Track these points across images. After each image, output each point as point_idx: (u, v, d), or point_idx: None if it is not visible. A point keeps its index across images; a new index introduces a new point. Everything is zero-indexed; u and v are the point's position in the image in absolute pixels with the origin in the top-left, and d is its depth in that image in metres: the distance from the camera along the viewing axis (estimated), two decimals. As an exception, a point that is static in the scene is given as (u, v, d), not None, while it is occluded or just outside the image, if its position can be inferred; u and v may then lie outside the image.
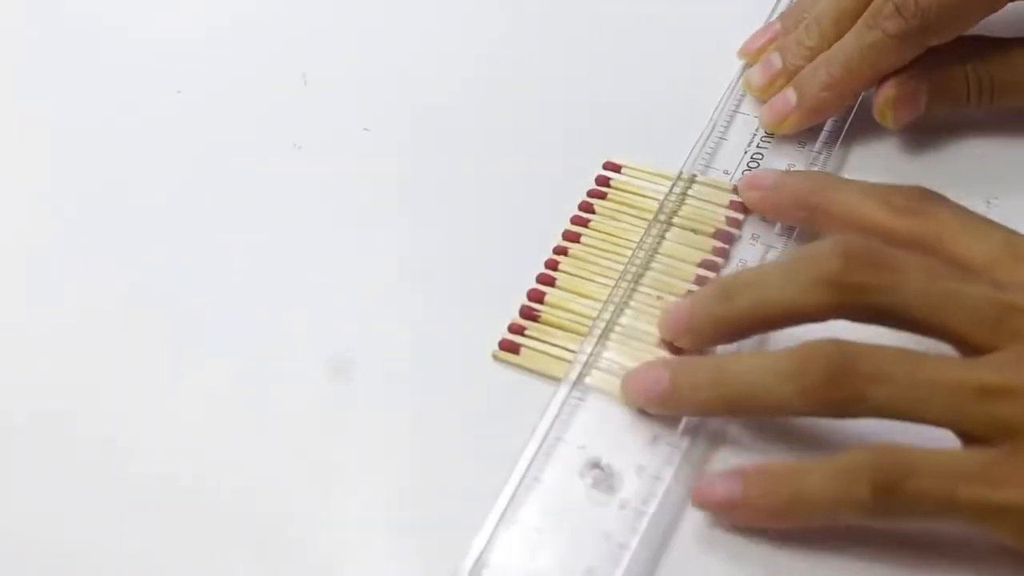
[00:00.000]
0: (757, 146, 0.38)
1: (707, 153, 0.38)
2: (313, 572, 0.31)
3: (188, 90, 0.42)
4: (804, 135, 0.38)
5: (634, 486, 0.31)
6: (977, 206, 0.36)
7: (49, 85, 0.43)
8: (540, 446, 0.32)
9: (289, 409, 0.34)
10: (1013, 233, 0.31)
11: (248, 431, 0.34)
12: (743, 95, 0.40)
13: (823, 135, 0.38)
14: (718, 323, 0.31)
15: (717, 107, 0.39)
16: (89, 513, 0.32)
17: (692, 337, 0.32)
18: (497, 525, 0.30)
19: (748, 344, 0.32)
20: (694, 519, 0.31)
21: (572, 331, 0.34)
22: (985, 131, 0.38)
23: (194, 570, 0.31)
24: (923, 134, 0.38)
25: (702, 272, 0.35)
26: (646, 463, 0.31)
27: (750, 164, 0.38)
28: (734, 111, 0.39)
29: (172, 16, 0.45)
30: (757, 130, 0.39)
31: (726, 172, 0.38)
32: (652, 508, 0.30)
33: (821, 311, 0.30)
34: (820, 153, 0.38)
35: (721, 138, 0.39)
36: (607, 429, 0.32)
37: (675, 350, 0.33)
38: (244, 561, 0.31)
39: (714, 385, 0.30)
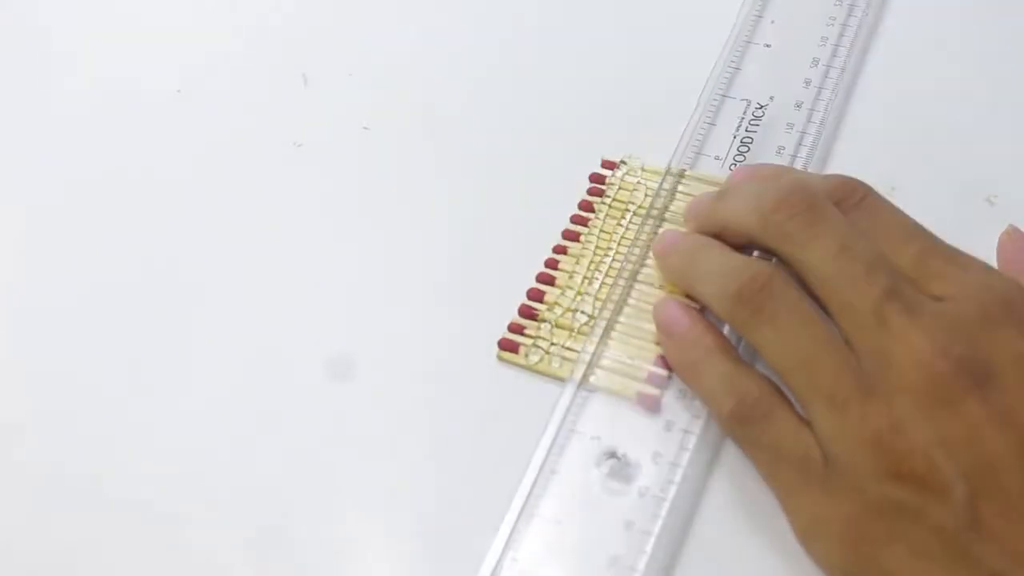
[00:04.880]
0: (746, 130, 0.38)
1: (697, 141, 0.38)
2: (319, 572, 0.31)
3: (188, 90, 0.42)
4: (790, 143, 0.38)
5: (652, 473, 0.31)
6: (978, 205, 0.36)
7: (48, 85, 0.43)
8: (554, 439, 0.32)
9: (289, 409, 0.34)
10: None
11: (248, 431, 0.34)
12: (730, 79, 0.40)
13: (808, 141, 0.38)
14: (710, 217, 0.34)
15: (701, 94, 0.39)
16: (88, 511, 0.32)
17: (691, 222, 0.35)
18: (517, 519, 0.30)
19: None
20: (715, 503, 0.31)
21: (571, 329, 0.34)
22: (985, 130, 0.38)
23: (194, 570, 0.31)
24: (922, 132, 0.38)
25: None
26: (662, 450, 0.31)
27: (740, 148, 0.38)
28: (722, 95, 0.39)
29: (172, 16, 0.45)
30: (745, 113, 0.39)
31: (717, 158, 0.38)
32: (671, 494, 0.30)
33: (754, 241, 0.32)
34: (813, 141, 0.38)
35: (710, 124, 0.39)
36: (619, 419, 0.32)
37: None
38: (247, 562, 0.31)
39: (685, 269, 0.34)
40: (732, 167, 0.37)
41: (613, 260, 0.36)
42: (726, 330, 0.33)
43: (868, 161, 0.36)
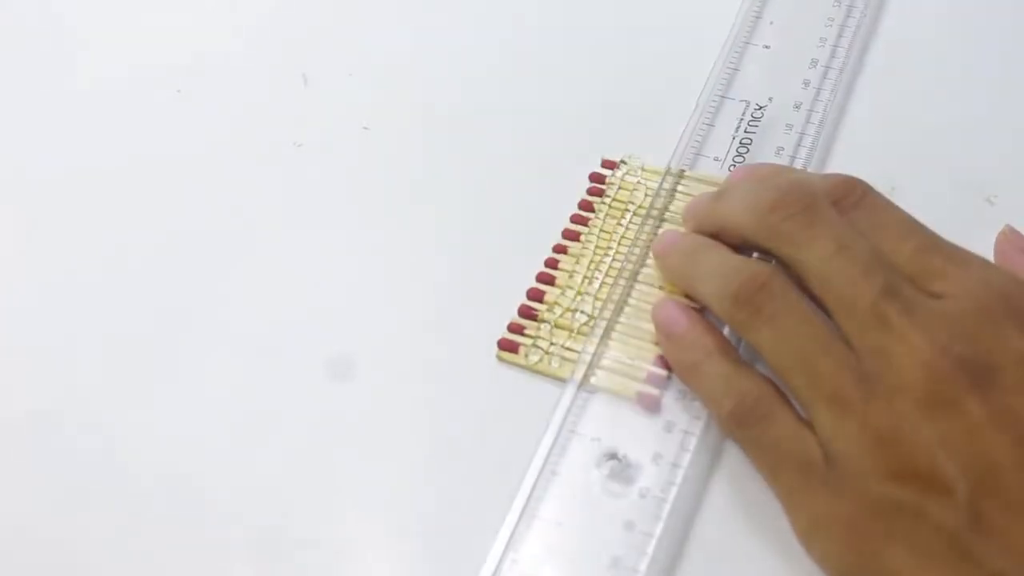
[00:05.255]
0: (745, 131, 0.38)
1: (696, 141, 0.38)
2: (319, 572, 0.31)
3: (188, 90, 0.42)
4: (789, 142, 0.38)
5: (652, 474, 0.31)
6: (978, 205, 0.36)
7: (48, 84, 0.43)
8: (555, 440, 0.32)
9: (289, 409, 0.34)
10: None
11: (248, 431, 0.34)
12: (729, 80, 0.40)
13: (808, 141, 0.38)
14: (707, 217, 0.34)
15: (700, 95, 0.39)
16: (88, 512, 0.32)
17: (689, 222, 0.35)
18: (518, 520, 0.30)
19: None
20: (716, 504, 0.31)
21: (571, 330, 0.34)
22: (985, 130, 0.38)
23: (194, 570, 0.31)
24: (922, 132, 0.38)
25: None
26: (662, 451, 0.31)
27: (739, 149, 0.38)
28: (721, 96, 0.39)
29: (172, 16, 0.45)
30: (744, 114, 0.39)
31: (716, 159, 0.38)
32: (672, 495, 0.30)
33: (751, 242, 0.32)
34: (812, 142, 0.38)
35: (709, 125, 0.39)
36: (620, 421, 0.32)
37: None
38: (247, 562, 0.31)
39: (684, 269, 0.34)
40: (731, 168, 0.37)
41: (613, 260, 0.36)
42: (726, 331, 0.33)
43: (868, 161, 0.36)
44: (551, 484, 0.31)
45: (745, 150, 0.38)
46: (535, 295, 0.35)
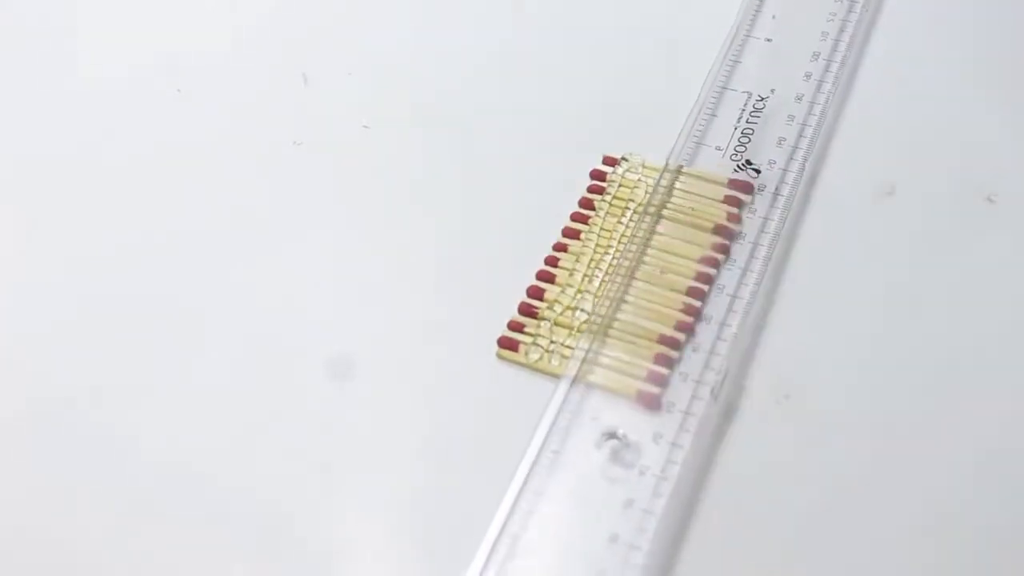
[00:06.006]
0: (747, 122, 0.38)
1: (698, 131, 0.38)
2: (319, 572, 0.31)
3: (188, 90, 0.42)
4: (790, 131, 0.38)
5: (653, 454, 0.31)
6: (978, 205, 0.36)
7: (47, 85, 0.43)
8: (554, 420, 0.32)
9: (289, 409, 0.34)
10: None
11: (248, 431, 0.34)
12: (730, 71, 0.40)
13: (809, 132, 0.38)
14: None
15: (702, 86, 0.39)
16: (88, 512, 0.32)
17: None
18: (517, 499, 0.30)
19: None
20: (719, 484, 0.31)
21: (571, 328, 0.34)
22: (986, 128, 0.38)
23: (194, 570, 0.31)
24: (923, 132, 0.38)
25: (703, 268, 0.35)
26: (663, 431, 0.31)
27: (741, 140, 0.38)
28: (723, 88, 0.39)
29: (172, 15, 0.45)
30: (746, 105, 0.39)
31: (718, 148, 0.38)
32: (674, 474, 0.31)
33: None
34: (813, 132, 0.38)
35: (711, 115, 0.39)
36: (619, 403, 0.32)
37: (674, 344, 0.33)
38: (247, 562, 0.31)
39: None
40: (733, 157, 0.37)
41: (613, 258, 0.36)
42: None
43: (868, 161, 0.37)
44: (551, 465, 0.31)
45: (747, 140, 0.38)
46: (535, 293, 0.35)
